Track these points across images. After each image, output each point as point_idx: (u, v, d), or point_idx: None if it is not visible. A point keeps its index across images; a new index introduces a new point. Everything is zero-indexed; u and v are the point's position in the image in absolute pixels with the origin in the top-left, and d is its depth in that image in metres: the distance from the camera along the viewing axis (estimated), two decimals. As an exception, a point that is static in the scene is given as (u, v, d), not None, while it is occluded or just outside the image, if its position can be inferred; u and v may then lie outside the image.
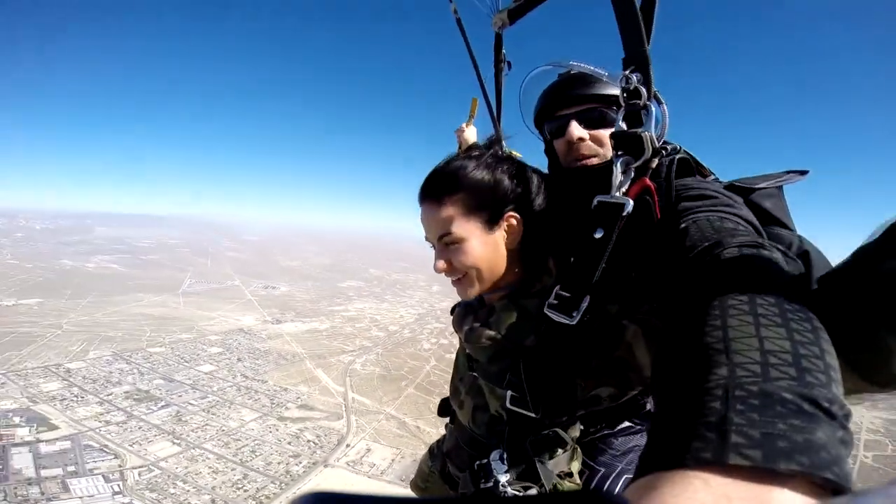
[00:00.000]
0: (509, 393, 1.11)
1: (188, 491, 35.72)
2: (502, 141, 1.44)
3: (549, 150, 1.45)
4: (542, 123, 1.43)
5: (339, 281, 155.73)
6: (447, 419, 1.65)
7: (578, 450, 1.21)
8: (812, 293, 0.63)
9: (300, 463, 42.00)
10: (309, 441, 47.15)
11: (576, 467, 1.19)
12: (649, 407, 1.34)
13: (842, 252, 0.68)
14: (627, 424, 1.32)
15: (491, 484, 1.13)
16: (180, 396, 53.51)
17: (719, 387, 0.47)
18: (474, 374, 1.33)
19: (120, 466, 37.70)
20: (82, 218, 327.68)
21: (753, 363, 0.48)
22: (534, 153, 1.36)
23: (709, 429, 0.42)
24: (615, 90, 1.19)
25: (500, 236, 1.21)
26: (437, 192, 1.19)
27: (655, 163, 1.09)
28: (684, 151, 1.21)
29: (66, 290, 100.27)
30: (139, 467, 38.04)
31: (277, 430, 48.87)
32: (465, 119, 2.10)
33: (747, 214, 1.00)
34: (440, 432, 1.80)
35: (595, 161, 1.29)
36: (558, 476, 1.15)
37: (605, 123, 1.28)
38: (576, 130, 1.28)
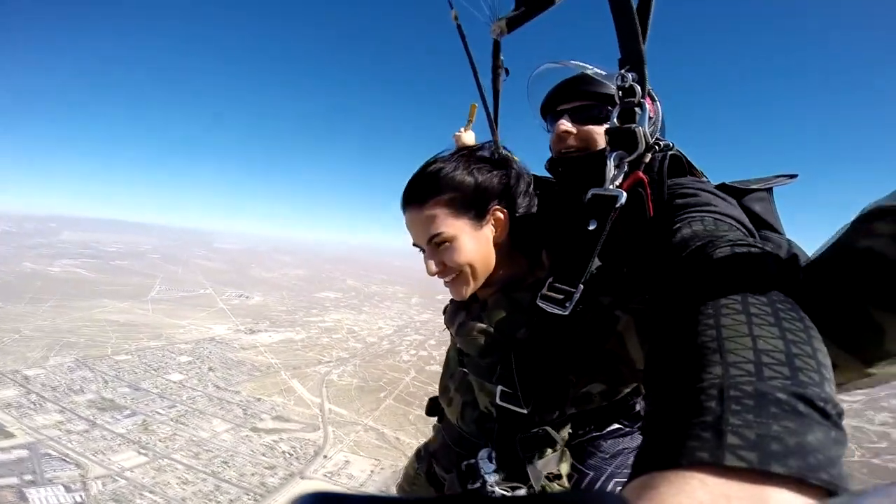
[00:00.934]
0: (499, 388, 1.10)
1: (156, 502, 33.92)
2: (499, 144, 1.44)
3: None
4: (545, 118, 1.50)
5: (315, 291, 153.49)
6: (433, 424, 1.63)
7: (568, 452, 1.21)
8: (800, 283, 0.64)
9: (276, 475, 40.37)
10: (284, 452, 45.36)
11: (565, 469, 1.18)
12: (639, 408, 1.32)
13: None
14: (617, 426, 1.30)
15: (478, 484, 1.13)
16: (147, 405, 51.07)
17: (714, 386, 0.47)
18: (464, 370, 1.31)
19: (82, 476, 35.54)
20: (47, 221, 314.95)
21: (747, 362, 0.48)
22: (532, 155, 1.54)
23: (704, 429, 0.42)
24: (613, 90, 1.23)
25: (488, 231, 1.21)
26: (421, 195, 1.19)
27: (648, 157, 1.13)
28: (677, 150, 1.23)
29: (27, 293, 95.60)
30: (103, 477, 35.94)
31: (251, 441, 46.95)
32: (463, 124, 2.13)
33: (740, 215, 1.02)
34: (420, 443, 1.78)
35: (575, 154, 1.35)
36: (546, 477, 1.14)
37: (598, 120, 1.34)
38: (563, 124, 1.34)
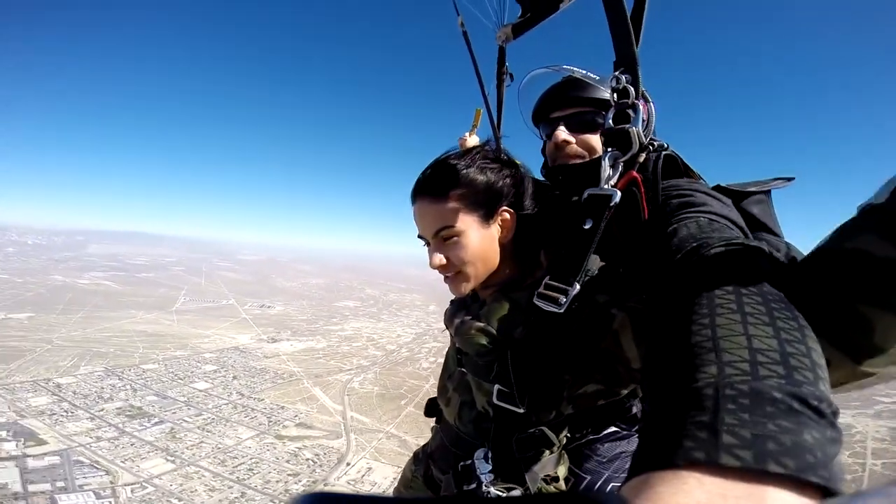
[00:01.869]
0: (496, 387, 1.10)
1: (184, 509, 34.12)
2: (501, 148, 1.42)
3: (545, 149, 1.46)
4: (539, 124, 1.48)
5: (334, 300, 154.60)
6: (431, 425, 1.63)
7: (565, 454, 1.21)
8: (792, 282, 0.65)
9: (300, 482, 40.34)
10: (308, 459, 45.45)
11: (562, 472, 1.18)
12: (635, 411, 1.31)
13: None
14: (613, 430, 1.29)
15: (474, 486, 1.13)
16: (174, 413, 51.84)
17: (709, 386, 0.47)
18: (463, 369, 1.31)
19: (112, 483, 36.01)
20: (74, 234, 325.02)
21: (742, 361, 0.48)
22: (530, 158, 1.48)
23: (700, 428, 0.42)
24: (607, 94, 1.24)
25: (494, 230, 1.21)
26: (433, 188, 1.19)
27: (643, 157, 1.15)
28: (672, 150, 1.23)
29: (58, 305, 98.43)
30: (132, 484, 36.32)
31: (275, 448, 47.26)
32: (468, 129, 2.13)
33: (735, 216, 1.02)
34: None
35: (577, 161, 1.34)
36: (543, 480, 1.14)
37: (595, 127, 1.32)
38: (562, 134, 1.33)
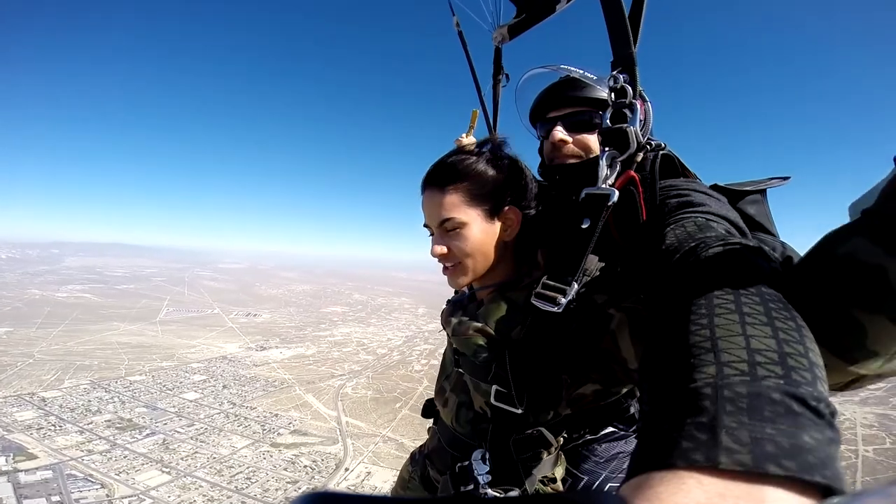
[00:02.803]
0: (494, 388, 1.10)
1: (184, 520, 33.54)
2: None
3: (542, 149, 1.47)
4: (535, 124, 1.47)
5: (322, 306, 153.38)
6: (429, 426, 1.62)
7: (562, 455, 1.21)
8: (787, 285, 0.65)
9: (299, 489, 39.92)
10: (306, 466, 45.18)
11: (559, 473, 1.18)
12: (633, 411, 1.30)
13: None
14: (611, 430, 1.29)
15: (471, 487, 1.13)
16: (166, 424, 50.90)
17: (708, 386, 0.47)
18: (460, 370, 1.29)
19: (108, 496, 35.27)
20: (49, 247, 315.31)
21: (741, 362, 0.49)
22: (526, 159, 1.37)
23: (699, 430, 0.42)
24: (604, 94, 1.24)
25: (498, 227, 1.22)
26: (443, 179, 1.20)
27: (640, 157, 1.15)
28: (669, 150, 1.22)
29: (36, 319, 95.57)
30: (129, 496, 35.65)
31: (272, 456, 46.82)
32: (464, 131, 2.12)
33: (733, 216, 1.01)
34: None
35: (574, 161, 1.33)
36: (541, 481, 1.14)
37: (592, 127, 1.31)
38: (559, 133, 1.32)
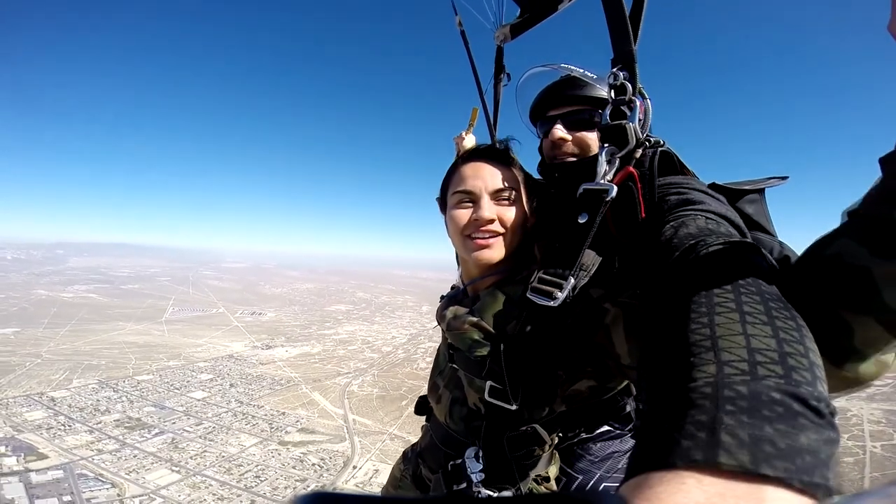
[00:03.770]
0: (489, 384, 1.09)
1: (196, 519, 33.65)
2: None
3: (542, 148, 1.47)
4: (536, 122, 1.47)
5: (326, 305, 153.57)
6: (422, 424, 1.61)
7: (557, 454, 1.20)
8: (782, 287, 0.65)
9: (308, 487, 39.97)
10: (314, 464, 45.25)
11: (553, 472, 1.17)
12: (629, 409, 1.30)
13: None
14: (606, 429, 1.28)
15: (464, 485, 1.12)
16: (174, 423, 51.03)
17: (708, 385, 0.47)
18: (454, 365, 1.28)
19: (119, 495, 35.38)
20: (53, 248, 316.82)
21: (741, 361, 0.48)
22: (525, 157, 1.38)
23: (699, 429, 0.42)
24: (604, 93, 1.26)
25: (531, 215, 1.27)
26: (503, 157, 1.27)
27: (639, 153, 1.15)
28: (668, 147, 1.22)
29: (43, 319, 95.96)
30: (139, 496, 35.76)
31: (280, 454, 46.92)
32: (463, 128, 2.11)
33: (732, 214, 1.01)
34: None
35: (573, 159, 1.34)
36: (535, 480, 1.13)
37: (591, 126, 1.31)
38: (559, 131, 1.32)
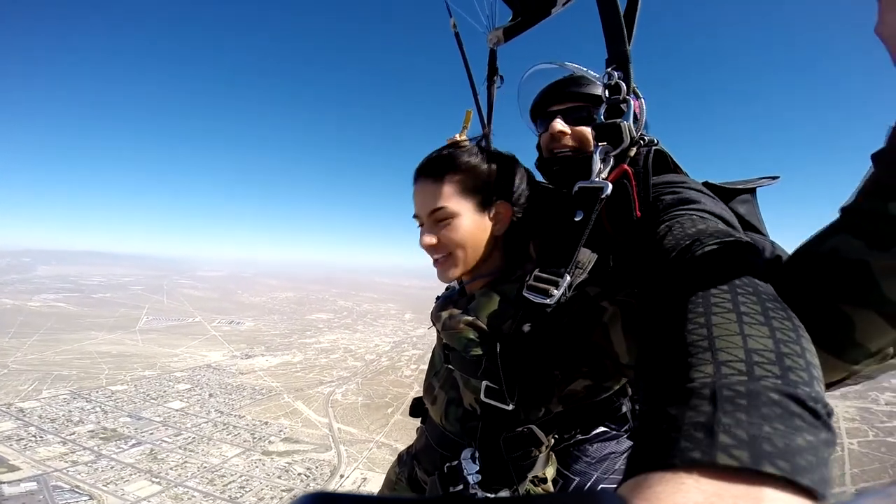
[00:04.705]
0: (485, 384, 1.08)
1: (180, 531, 32.39)
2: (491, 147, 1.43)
3: (540, 144, 1.50)
4: (536, 118, 1.50)
5: (306, 314, 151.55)
6: (417, 426, 1.60)
7: (553, 456, 1.20)
8: (778, 283, 0.66)
9: (295, 497, 39.12)
10: (300, 474, 44.25)
11: (550, 473, 1.17)
12: (625, 410, 1.31)
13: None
14: (602, 430, 1.28)
15: (461, 487, 1.12)
16: (152, 434, 49.26)
17: (706, 386, 0.47)
18: (449, 366, 1.27)
19: (97, 508, 33.84)
20: (19, 256, 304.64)
21: (738, 361, 0.49)
22: (521, 159, 1.31)
23: (697, 429, 0.42)
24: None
25: (489, 221, 1.22)
26: (437, 169, 1.22)
27: (634, 152, 1.17)
28: (662, 146, 1.24)
29: (9, 328, 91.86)
30: (119, 508, 34.28)
31: (264, 464, 45.72)
32: (456, 131, 2.17)
33: (728, 214, 1.02)
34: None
35: (569, 154, 1.36)
36: (531, 481, 1.13)
37: (591, 122, 1.33)
38: (558, 124, 1.36)
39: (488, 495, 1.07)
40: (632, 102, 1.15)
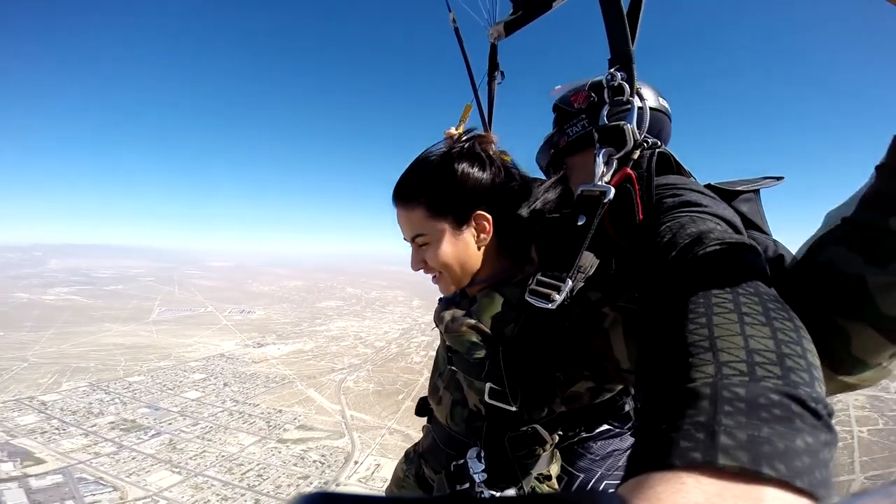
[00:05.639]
0: (488, 385, 1.09)
1: (202, 520, 33.41)
2: (492, 140, 1.38)
3: (553, 162, 1.49)
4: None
5: (316, 301, 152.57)
6: (423, 425, 1.61)
7: (558, 453, 1.21)
8: (780, 288, 0.65)
9: (311, 484, 39.96)
10: (315, 461, 45.18)
11: (555, 470, 1.18)
12: (628, 408, 1.32)
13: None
14: (606, 427, 1.29)
15: (467, 485, 1.13)
16: (170, 424, 50.42)
17: (707, 386, 0.47)
18: (453, 368, 1.27)
19: (121, 499, 34.91)
20: (31, 250, 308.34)
21: (739, 362, 0.49)
22: (522, 154, 1.28)
23: (698, 429, 0.42)
24: (567, 108, 1.35)
25: (470, 235, 1.20)
26: (404, 194, 1.21)
27: (637, 154, 1.13)
28: (665, 148, 1.22)
29: (26, 322, 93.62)
30: (142, 499, 35.33)
31: (280, 452, 46.79)
32: (454, 123, 2.04)
33: (730, 215, 1.01)
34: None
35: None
36: (536, 479, 1.14)
37: (564, 149, 1.40)
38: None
39: (494, 493, 1.08)
40: (635, 104, 1.13)
